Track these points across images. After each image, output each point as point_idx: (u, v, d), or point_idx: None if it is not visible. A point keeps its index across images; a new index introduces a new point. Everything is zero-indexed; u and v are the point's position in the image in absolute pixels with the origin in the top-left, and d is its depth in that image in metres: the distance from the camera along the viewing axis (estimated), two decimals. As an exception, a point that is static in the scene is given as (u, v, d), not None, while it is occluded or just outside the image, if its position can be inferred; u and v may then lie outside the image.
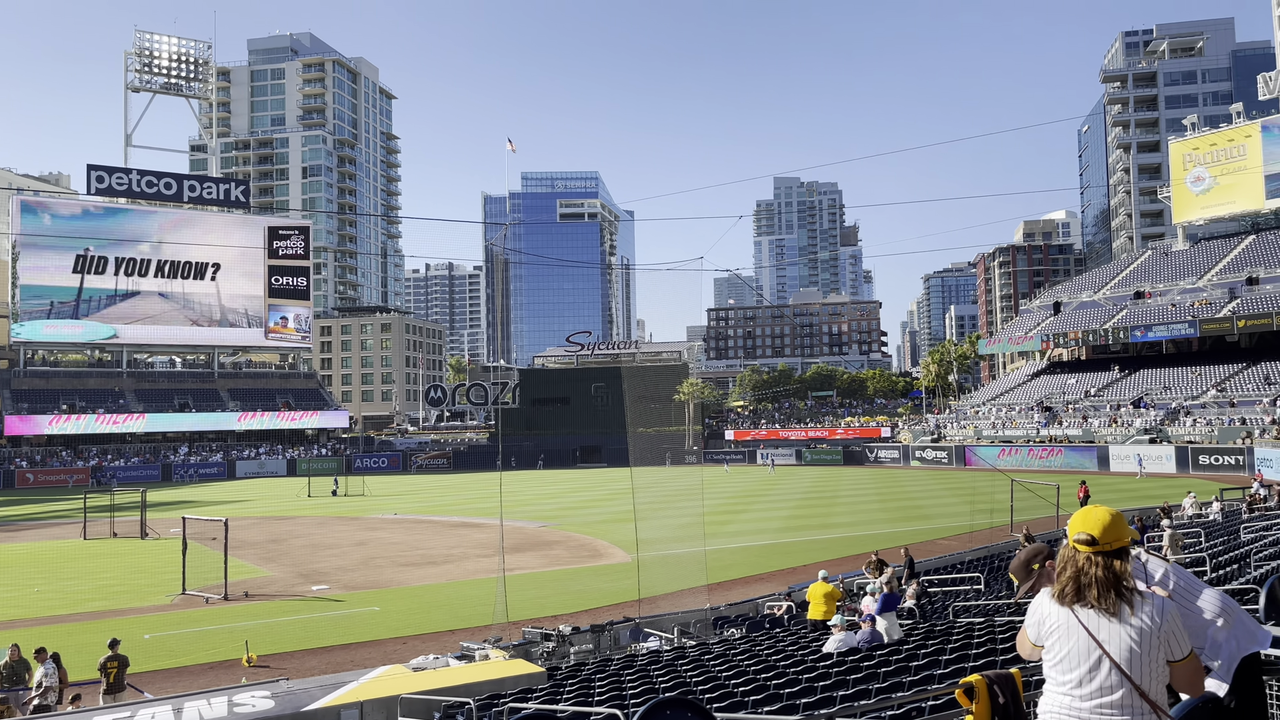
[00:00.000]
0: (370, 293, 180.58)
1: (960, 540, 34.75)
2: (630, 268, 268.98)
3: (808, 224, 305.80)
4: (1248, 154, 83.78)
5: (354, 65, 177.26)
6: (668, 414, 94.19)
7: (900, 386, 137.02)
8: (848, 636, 14.36)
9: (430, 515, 51.83)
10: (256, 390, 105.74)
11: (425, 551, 37.43)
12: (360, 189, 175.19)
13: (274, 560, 35.90)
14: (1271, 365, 71.71)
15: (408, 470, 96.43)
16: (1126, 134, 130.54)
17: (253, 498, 65.92)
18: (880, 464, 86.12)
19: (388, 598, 28.26)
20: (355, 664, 19.38)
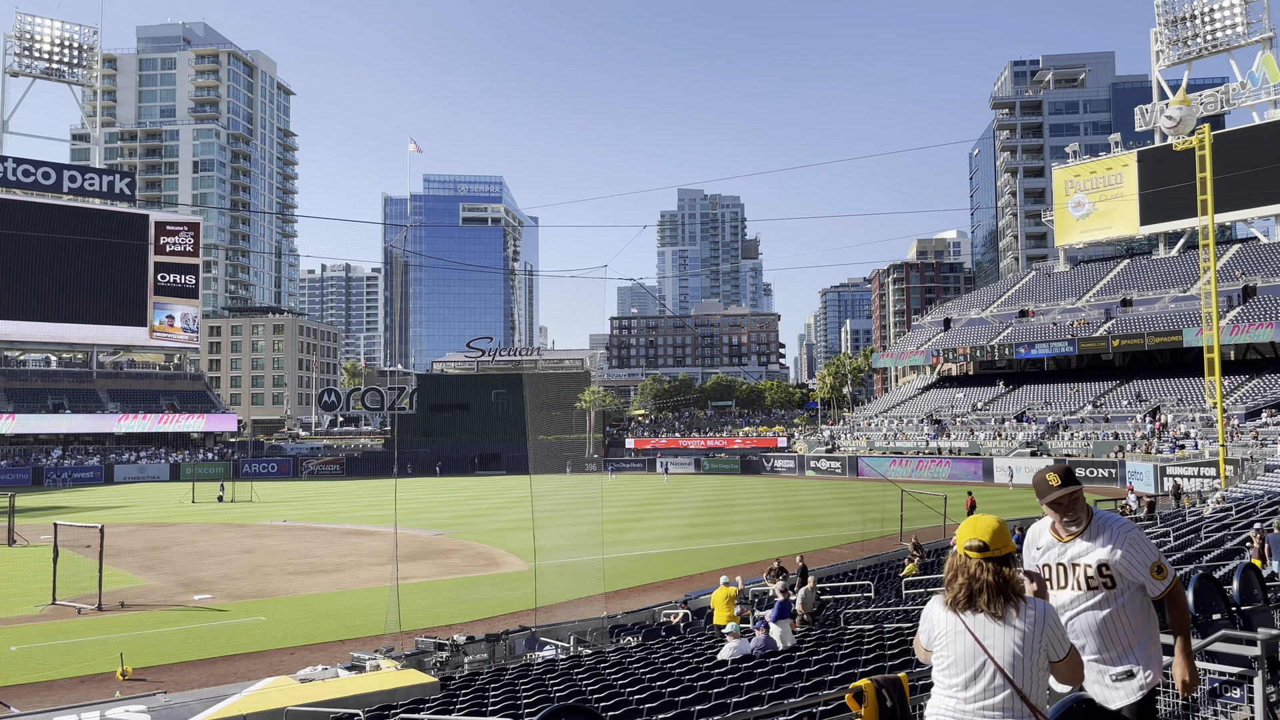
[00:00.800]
0: (263, 293, 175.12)
1: (852, 548, 35.59)
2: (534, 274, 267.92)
3: (710, 236, 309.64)
4: (1124, 182, 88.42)
5: (250, 58, 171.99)
6: (569, 422, 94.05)
7: (797, 398, 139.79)
8: (742, 644, 14.54)
9: (322, 522, 50.49)
10: (139, 391, 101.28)
11: (315, 560, 36.42)
12: (255, 185, 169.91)
13: (153, 569, 34.42)
14: (1143, 383, 75.71)
15: (299, 476, 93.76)
16: (1014, 159, 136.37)
17: (132, 503, 63.12)
18: (776, 473, 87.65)
19: (275, 607, 27.39)
20: (239, 676, 18.71)
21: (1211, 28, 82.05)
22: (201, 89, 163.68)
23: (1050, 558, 4.58)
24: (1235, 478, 44.29)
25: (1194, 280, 76.62)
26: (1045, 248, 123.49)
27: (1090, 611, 4.48)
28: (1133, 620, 4.50)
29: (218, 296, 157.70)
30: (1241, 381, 68.85)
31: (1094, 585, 4.46)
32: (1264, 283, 73.43)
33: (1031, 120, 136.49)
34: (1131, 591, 4.47)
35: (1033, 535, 4.77)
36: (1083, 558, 4.48)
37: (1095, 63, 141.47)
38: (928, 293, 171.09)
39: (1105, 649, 4.46)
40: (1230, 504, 28.04)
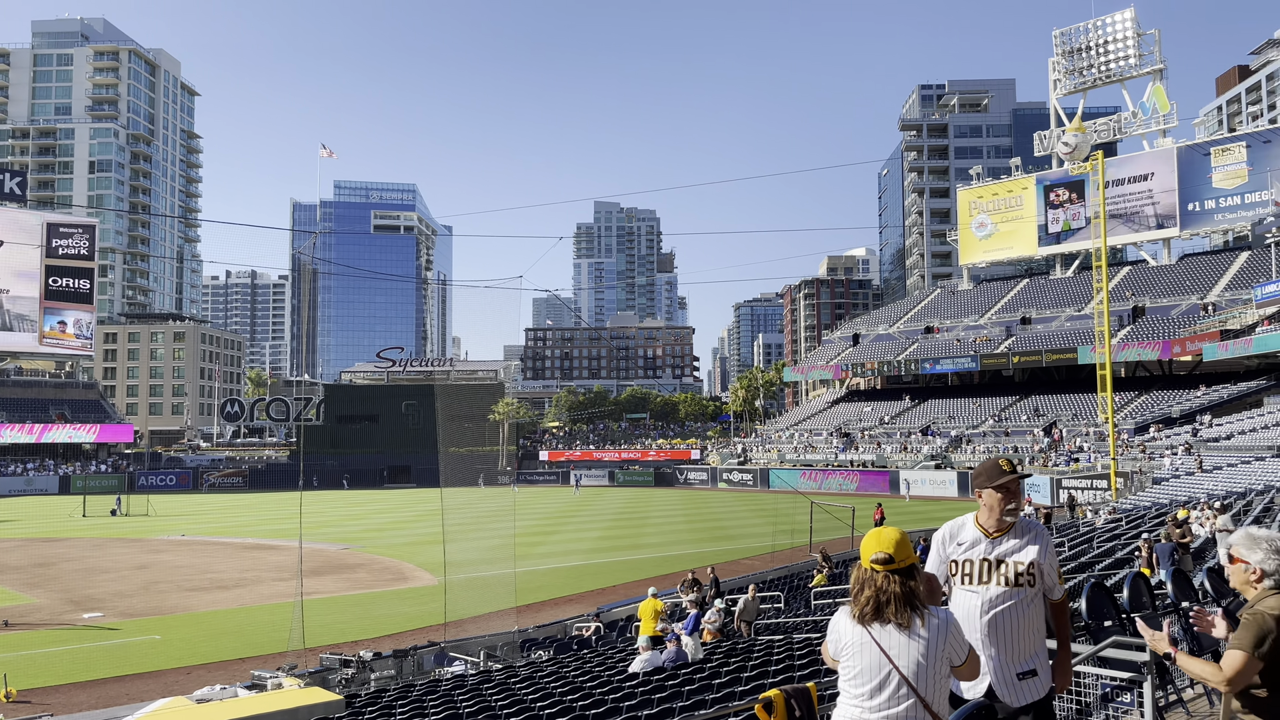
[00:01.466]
0: (163, 299, 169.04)
1: (763, 560, 36.00)
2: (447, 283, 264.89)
3: (626, 249, 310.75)
4: (1024, 204, 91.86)
5: (153, 57, 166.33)
6: (482, 434, 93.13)
7: (710, 410, 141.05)
8: (653, 656, 14.54)
9: (222, 537, 48.86)
10: (27, 400, 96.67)
11: (215, 575, 35.21)
12: (156, 188, 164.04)
13: (40, 586, 32.80)
14: (1041, 398, 78.56)
15: (199, 489, 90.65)
16: (920, 179, 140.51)
17: (17, 518, 60.10)
18: (690, 485, 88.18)
19: (171, 625, 26.36)
20: (130, 697, 17.95)
21: (1105, 59, 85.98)
22: (100, 87, 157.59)
23: (975, 553, 4.59)
24: (1125, 490, 46.25)
25: (1088, 300, 79.95)
26: (950, 266, 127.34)
27: (1011, 608, 4.53)
28: (1037, 622, 4.63)
29: (114, 302, 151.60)
30: (1131, 397, 72.03)
31: (1020, 583, 4.52)
32: (1152, 303, 77.05)
33: (937, 142, 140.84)
34: (1039, 593, 4.60)
35: (952, 530, 4.74)
36: (1013, 555, 4.53)
37: (997, 89, 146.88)
38: (838, 308, 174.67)
39: (1015, 647, 4.54)
40: (1121, 515, 29.26)
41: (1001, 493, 4.54)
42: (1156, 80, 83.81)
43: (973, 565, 4.57)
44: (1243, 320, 63.68)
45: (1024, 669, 4.54)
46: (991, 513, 4.58)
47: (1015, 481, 4.53)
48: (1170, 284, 79.73)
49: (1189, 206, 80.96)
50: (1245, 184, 77.29)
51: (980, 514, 4.67)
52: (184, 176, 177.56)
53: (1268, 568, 4.13)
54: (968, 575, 4.58)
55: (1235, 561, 4.27)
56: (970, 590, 4.57)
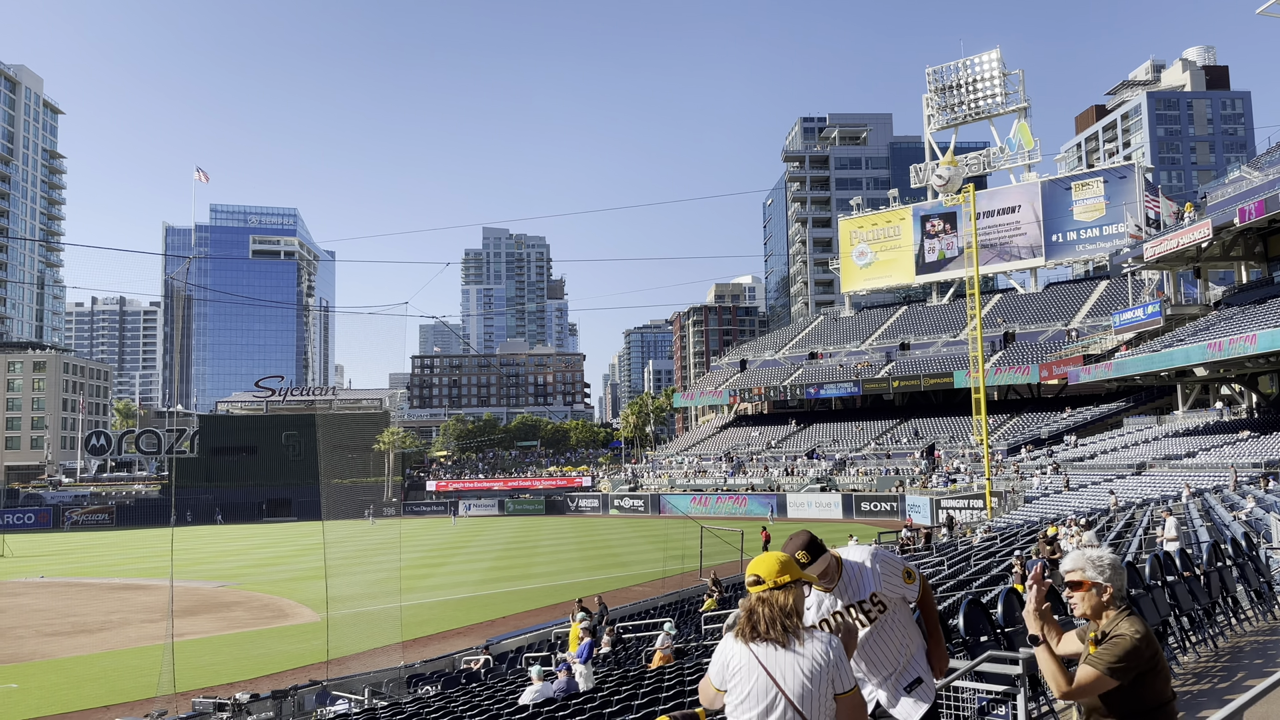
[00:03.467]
0: (22, 326, 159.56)
1: (654, 586, 36.04)
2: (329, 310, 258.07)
3: (516, 275, 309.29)
4: (901, 234, 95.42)
5: (13, 74, 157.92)
6: (366, 464, 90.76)
7: (602, 437, 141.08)
8: (544, 687, 14.35)
9: (86, 577, 46.18)
10: None
11: (78, 619, 33.20)
12: (14, 210, 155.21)
13: (-123, 637, 30.30)
14: (920, 421, 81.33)
15: (60, 527, 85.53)
16: (804, 209, 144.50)
17: None
18: (581, 513, 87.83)
19: (29, 673, 24.71)
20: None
21: (975, 96, 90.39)
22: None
23: (825, 610, 4.66)
24: (1000, 509, 48.19)
25: (963, 326, 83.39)
26: (833, 293, 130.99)
27: (875, 640, 4.69)
28: (905, 631, 4.78)
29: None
30: (1004, 420, 75.28)
31: (874, 617, 4.67)
32: (1021, 329, 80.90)
33: (819, 174, 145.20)
34: (896, 606, 4.74)
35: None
36: (855, 598, 4.66)
37: (876, 123, 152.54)
38: (725, 335, 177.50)
39: (892, 666, 4.70)
40: (995, 533, 30.45)
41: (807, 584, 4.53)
42: (1021, 118, 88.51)
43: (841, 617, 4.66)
44: (1103, 345, 67.43)
45: (910, 679, 4.67)
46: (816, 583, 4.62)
47: (818, 573, 4.51)
48: (1038, 311, 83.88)
49: (1053, 238, 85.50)
50: (1103, 216, 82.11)
51: None
52: (46, 198, 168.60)
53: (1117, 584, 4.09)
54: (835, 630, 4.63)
55: (1083, 587, 4.13)
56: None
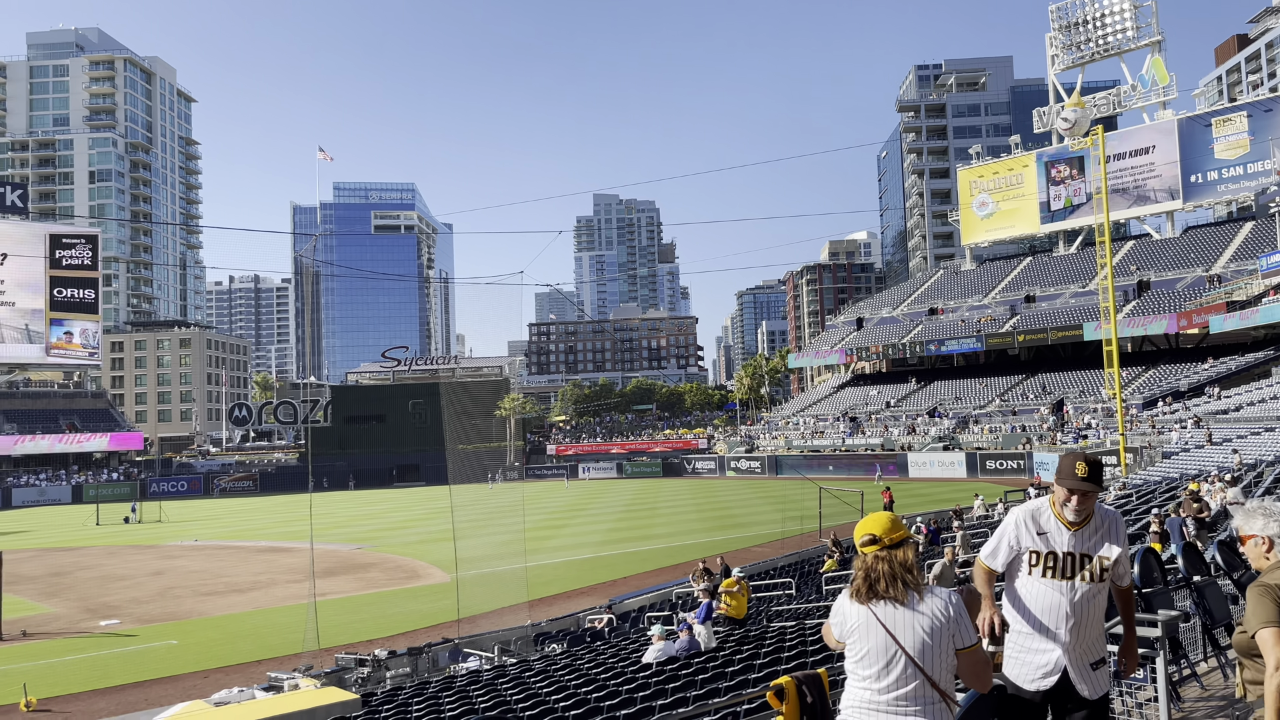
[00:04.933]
0: (168, 306, 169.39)
1: (773, 547, 36.04)
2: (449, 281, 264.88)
3: (627, 240, 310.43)
4: (1024, 182, 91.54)
5: (148, 65, 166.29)
6: (489, 430, 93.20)
7: (716, 400, 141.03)
8: (666, 646, 14.60)
9: (235, 541, 49.09)
10: (36, 411, 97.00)
11: (230, 579, 35.38)
12: (156, 196, 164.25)
13: (57, 595, 32.99)
14: (1047, 376, 78.40)
15: (210, 494, 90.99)
16: (920, 161, 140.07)
17: (31, 528, 60.40)
18: (698, 475, 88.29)
19: (187, 630, 26.52)
20: (149, 703, 18.08)
21: (1103, 32, 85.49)
22: (97, 96, 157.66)
23: (1059, 546, 4.44)
24: (1135, 465, 46.20)
25: (1092, 276, 79.69)
26: (952, 247, 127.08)
27: (1093, 602, 4.44)
28: (1102, 611, 4.54)
29: (119, 311, 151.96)
30: (1138, 373, 71.86)
31: (1103, 578, 4.44)
32: (1157, 277, 76.78)
33: (936, 123, 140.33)
34: (1108, 583, 4.52)
35: (1029, 517, 4.54)
36: (1097, 551, 4.44)
37: (995, 67, 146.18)
38: (840, 293, 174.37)
39: (1090, 638, 4.46)
40: (1131, 490, 29.23)
41: (1071, 493, 4.41)
42: (1155, 52, 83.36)
43: (1057, 559, 4.42)
44: (1249, 291, 63.46)
45: (1096, 659, 4.47)
46: (1066, 507, 4.44)
47: (1091, 491, 4.37)
48: (1175, 257, 79.43)
49: (1191, 178, 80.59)
50: (1247, 154, 76.90)
51: (1057, 503, 4.51)
52: (183, 183, 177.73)
53: (1272, 532, 4.09)
54: (1050, 568, 4.43)
55: (1244, 540, 4.19)
56: (1053, 584, 4.43)
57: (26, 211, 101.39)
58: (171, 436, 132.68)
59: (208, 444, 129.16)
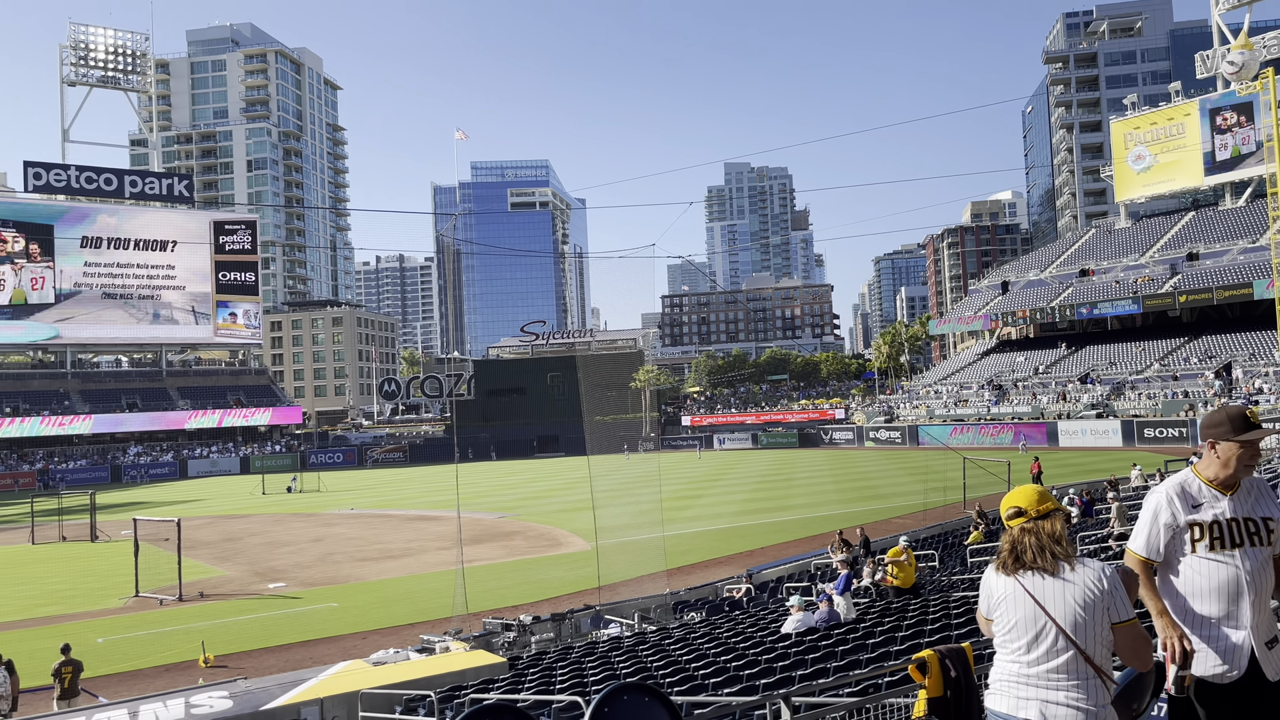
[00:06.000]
0: (320, 286, 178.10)
1: (915, 518, 35.30)
2: (583, 256, 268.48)
3: (759, 209, 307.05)
4: (1186, 132, 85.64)
5: (297, 56, 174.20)
6: (624, 402, 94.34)
7: (853, 368, 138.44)
8: (806, 616, 14.55)
9: (387, 509, 51.46)
10: (206, 388, 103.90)
11: (383, 546, 37.16)
12: (307, 181, 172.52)
13: (229, 559, 35.42)
14: (1212, 339, 73.59)
15: (363, 465, 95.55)
16: (1069, 114, 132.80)
17: (206, 497, 64.90)
18: (835, 445, 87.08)
19: (346, 593, 28.04)
20: (314, 661, 19.22)
21: (1274, -33, 78.76)
22: (251, 89, 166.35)
23: (1220, 513, 4.16)
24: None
25: (1263, 230, 74.04)
26: (1105, 204, 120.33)
27: (1264, 571, 4.13)
28: (1274, 581, 4.21)
29: (277, 292, 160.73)
30: (1317, 333, 66.55)
31: (1272, 542, 4.15)
32: (1338, 230, 70.69)
33: (1086, 73, 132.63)
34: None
35: (1179, 490, 4.24)
36: (1259, 512, 4.16)
37: (1151, 10, 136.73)
38: (984, 256, 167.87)
39: (1265, 613, 4.14)
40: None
41: (1245, 447, 4.12)
42: (1336, -16, 76.24)
43: (1221, 528, 4.13)
44: None
45: (1270, 636, 4.12)
46: (1226, 468, 4.14)
47: (1261, 436, 4.11)
48: (1359, 207, 72.92)
49: (1379, 120, 73.61)
50: None
51: (1205, 468, 4.23)
52: (332, 169, 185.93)
53: None
54: (1218, 539, 4.13)
55: None
56: (1221, 558, 4.12)
57: (192, 201, 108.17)
58: (327, 410, 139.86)
59: (360, 417, 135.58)
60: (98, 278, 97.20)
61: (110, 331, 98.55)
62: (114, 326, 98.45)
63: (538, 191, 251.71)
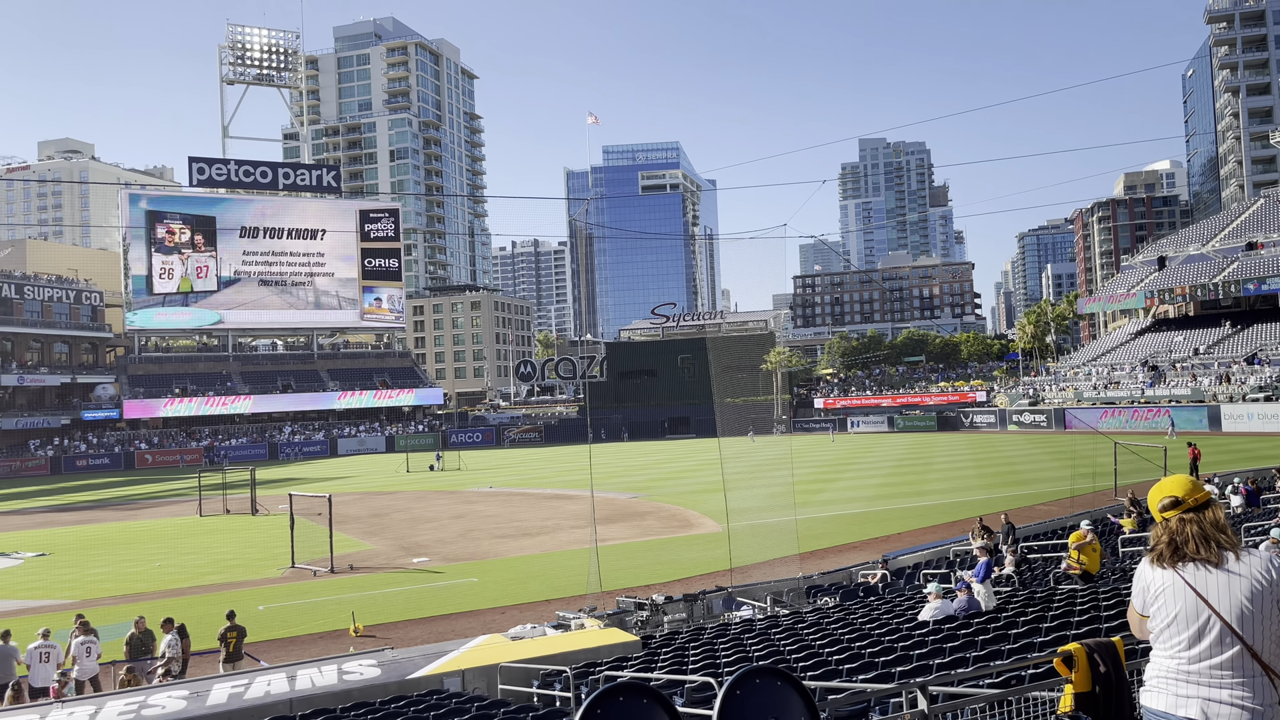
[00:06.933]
0: (459, 271, 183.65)
1: (1061, 505, 33.88)
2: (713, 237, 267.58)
3: (895, 185, 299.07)
4: (1370, 92, 78.68)
5: (435, 47, 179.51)
6: (755, 384, 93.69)
7: (995, 349, 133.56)
8: (944, 605, 14.18)
9: (524, 488, 52.79)
10: (354, 370, 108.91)
11: (520, 523, 38.17)
12: (446, 169, 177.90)
13: (376, 534, 37.08)
14: (1399, 316, 67.64)
15: (501, 444, 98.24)
16: (1234, 77, 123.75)
17: (354, 474, 68.04)
18: (976, 429, 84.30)
19: (485, 569, 28.95)
20: (456, 633, 19.94)
21: None
22: (393, 80, 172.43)
23: None
24: None
25: None
26: (1274, 172, 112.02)
27: None
28: None
29: (419, 278, 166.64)
30: None
31: None
32: None
33: (1254, 32, 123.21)
34: None
35: None
36: None
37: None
38: (1138, 230, 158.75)
39: None
40: None
41: None
42: None
43: None
44: None
45: None
46: None
47: None
48: None
49: None
50: None
51: None
52: (469, 156, 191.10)
53: None
54: None
55: None
56: None
57: (339, 191, 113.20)
58: (466, 391, 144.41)
59: (498, 398, 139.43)
60: (255, 266, 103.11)
61: (267, 316, 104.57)
62: (270, 312, 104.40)
63: (668, 174, 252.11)
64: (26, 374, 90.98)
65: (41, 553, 36.01)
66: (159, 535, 40.45)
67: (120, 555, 34.78)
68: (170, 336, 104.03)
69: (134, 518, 47.89)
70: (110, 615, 22.90)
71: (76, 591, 27.93)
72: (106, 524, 45.52)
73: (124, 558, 34.14)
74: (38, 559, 34.72)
